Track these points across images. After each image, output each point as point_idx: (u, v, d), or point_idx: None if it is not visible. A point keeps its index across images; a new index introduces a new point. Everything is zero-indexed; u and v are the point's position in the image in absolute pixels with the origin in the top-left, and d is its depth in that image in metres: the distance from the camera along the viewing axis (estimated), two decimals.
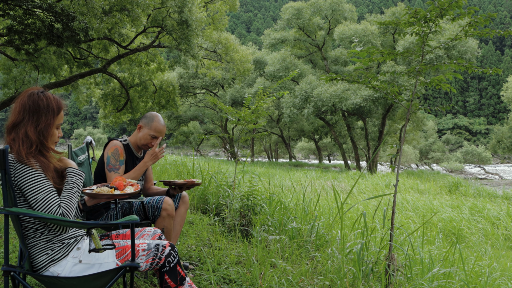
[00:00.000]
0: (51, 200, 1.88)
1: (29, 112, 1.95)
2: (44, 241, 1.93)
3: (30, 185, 1.87)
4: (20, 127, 1.94)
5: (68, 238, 1.98)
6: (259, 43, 61.32)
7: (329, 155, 56.11)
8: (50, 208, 1.86)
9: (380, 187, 13.51)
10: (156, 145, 2.91)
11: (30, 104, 1.96)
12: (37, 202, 1.86)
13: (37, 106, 1.96)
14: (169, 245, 2.12)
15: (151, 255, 2.05)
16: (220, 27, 17.30)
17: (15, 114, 1.96)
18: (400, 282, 3.08)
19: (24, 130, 1.93)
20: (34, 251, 1.93)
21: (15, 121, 1.95)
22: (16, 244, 3.20)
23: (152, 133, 2.93)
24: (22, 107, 1.96)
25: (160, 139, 2.95)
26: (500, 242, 7.23)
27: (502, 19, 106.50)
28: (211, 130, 40.52)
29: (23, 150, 1.90)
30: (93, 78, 19.04)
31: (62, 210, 1.88)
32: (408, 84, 19.66)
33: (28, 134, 1.93)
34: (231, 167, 11.68)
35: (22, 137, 1.92)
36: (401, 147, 3.36)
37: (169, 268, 2.08)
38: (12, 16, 8.64)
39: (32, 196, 1.87)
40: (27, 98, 1.97)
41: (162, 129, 2.95)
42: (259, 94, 5.27)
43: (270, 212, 4.38)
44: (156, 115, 2.99)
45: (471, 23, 3.11)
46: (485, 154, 55.77)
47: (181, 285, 2.12)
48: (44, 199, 1.87)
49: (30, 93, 1.99)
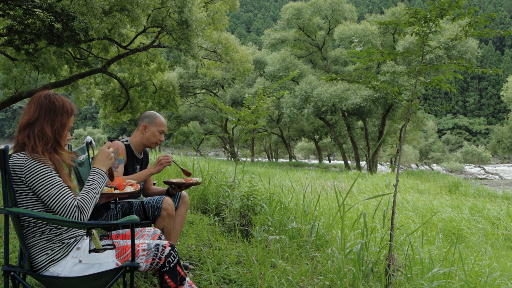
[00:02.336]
0: (64, 193, 1.88)
1: (45, 111, 1.99)
2: (44, 241, 1.93)
3: (43, 181, 1.87)
4: (36, 125, 1.97)
5: (68, 238, 1.98)
6: (259, 43, 61.32)
7: (329, 155, 56.11)
8: (65, 201, 1.86)
9: (380, 187, 13.51)
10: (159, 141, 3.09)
11: (47, 103, 2.00)
12: (50, 197, 1.86)
13: (53, 105, 2.01)
14: (169, 245, 2.12)
15: (151, 255, 2.05)
16: (220, 27, 17.30)
17: (29, 113, 1.99)
18: (400, 282, 3.08)
19: (40, 128, 1.96)
20: (34, 251, 1.93)
21: (29, 120, 1.97)
22: (16, 244, 3.20)
23: (159, 129, 3.06)
24: (38, 106, 1.99)
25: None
26: (500, 242, 7.23)
27: (502, 19, 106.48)
28: (211, 130, 40.52)
29: (39, 146, 1.92)
30: (93, 78, 19.04)
31: (77, 203, 1.88)
32: (408, 84, 19.66)
33: (45, 131, 1.96)
34: (231, 167, 11.68)
35: (38, 133, 1.95)
36: (401, 147, 3.36)
37: (169, 268, 2.08)
38: (12, 16, 8.64)
39: (45, 192, 1.86)
40: (44, 98, 2.01)
41: (166, 123, 3.13)
42: (259, 94, 5.27)
43: (270, 212, 4.38)
44: (155, 113, 3.11)
45: (471, 23, 3.11)
46: (485, 154, 55.76)
47: (181, 285, 2.12)
48: (57, 193, 1.87)
49: (46, 93, 2.04)
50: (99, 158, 2.11)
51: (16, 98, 14.33)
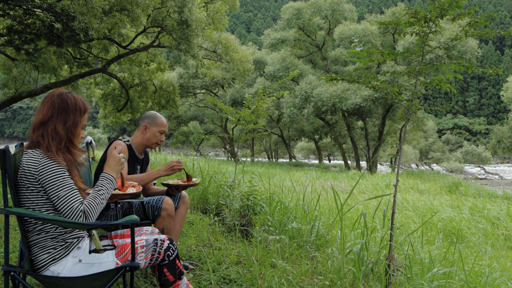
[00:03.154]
0: (73, 197, 1.90)
1: (58, 110, 2.02)
2: (48, 239, 1.94)
3: (54, 181, 1.89)
4: (49, 124, 2.00)
5: (72, 237, 1.99)
6: (259, 43, 61.34)
7: (329, 155, 56.11)
8: (72, 204, 1.88)
9: (380, 187, 13.51)
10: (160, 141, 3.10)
11: (59, 102, 2.04)
12: (59, 198, 1.88)
13: (65, 104, 2.04)
14: (167, 238, 2.13)
15: (150, 251, 2.06)
16: (220, 27, 17.29)
17: (43, 112, 2.02)
18: (400, 282, 3.08)
19: (53, 127, 1.99)
20: (37, 249, 1.93)
21: (42, 119, 2.00)
22: (16, 244, 3.20)
23: (160, 129, 3.07)
24: (51, 105, 2.03)
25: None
26: (500, 242, 7.23)
27: (502, 19, 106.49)
28: (211, 130, 40.51)
29: (53, 146, 1.96)
30: (93, 78, 19.03)
31: (84, 207, 1.90)
32: (408, 84, 19.66)
33: (57, 130, 1.99)
34: (231, 167, 11.68)
35: (51, 133, 1.98)
36: (401, 147, 3.36)
37: (168, 262, 2.10)
38: (12, 16, 8.64)
39: (55, 192, 1.89)
40: (56, 97, 2.05)
41: (166, 123, 3.14)
42: (259, 94, 5.27)
43: (270, 212, 4.38)
44: (155, 113, 3.12)
45: (471, 23, 3.11)
46: (485, 154, 55.78)
47: (180, 280, 2.13)
48: (66, 195, 1.89)
49: (59, 92, 2.07)
50: (109, 163, 2.13)
51: (16, 98, 14.33)
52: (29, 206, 1.92)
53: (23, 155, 1.93)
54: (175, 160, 2.97)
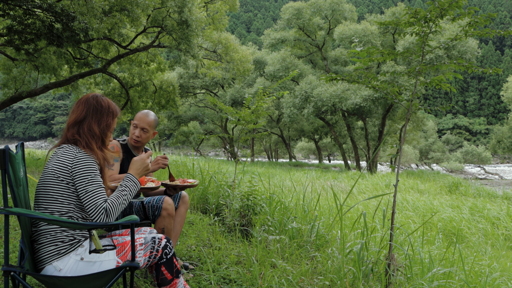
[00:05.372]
0: (99, 194, 1.97)
1: (93, 110, 2.11)
2: (59, 230, 1.96)
3: (86, 175, 1.96)
4: (83, 123, 2.09)
5: (80, 235, 2.01)
6: (259, 43, 61.34)
7: (329, 155, 56.11)
8: (96, 201, 1.95)
9: (380, 187, 13.50)
10: (141, 137, 2.98)
11: (94, 103, 2.13)
12: (86, 193, 1.95)
13: (100, 106, 2.14)
14: (164, 237, 2.16)
15: (148, 248, 2.08)
16: (220, 27, 17.29)
17: (77, 112, 2.11)
18: (400, 282, 3.08)
19: (88, 126, 2.08)
20: (45, 239, 1.95)
21: (77, 118, 2.09)
22: (16, 244, 3.20)
23: (133, 123, 3.03)
24: (86, 106, 2.12)
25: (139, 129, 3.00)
26: (500, 242, 7.22)
27: (502, 19, 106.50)
28: (211, 130, 40.51)
29: (93, 143, 2.05)
30: (93, 78, 19.05)
31: (107, 206, 1.97)
32: (408, 84, 19.65)
33: (93, 129, 2.08)
34: (231, 167, 11.68)
35: (87, 131, 2.07)
36: (401, 147, 3.36)
37: (166, 260, 2.12)
38: (12, 16, 8.64)
39: (83, 186, 1.96)
40: (91, 99, 2.14)
41: (141, 116, 3.01)
42: (259, 94, 5.27)
43: (270, 212, 4.38)
44: (143, 111, 3.09)
45: (471, 23, 3.11)
46: (485, 154, 55.79)
47: (177, 278, 2.15)
48: (93, 191, 1.96)
49: (94, 94, 2.18)
50: (136, 166, 2.22)
51: (16, 98, 14.34)
52: (57, 197, 1.97)
53: (59, 149, 2.03)
54: (161, 155, 2.96)
